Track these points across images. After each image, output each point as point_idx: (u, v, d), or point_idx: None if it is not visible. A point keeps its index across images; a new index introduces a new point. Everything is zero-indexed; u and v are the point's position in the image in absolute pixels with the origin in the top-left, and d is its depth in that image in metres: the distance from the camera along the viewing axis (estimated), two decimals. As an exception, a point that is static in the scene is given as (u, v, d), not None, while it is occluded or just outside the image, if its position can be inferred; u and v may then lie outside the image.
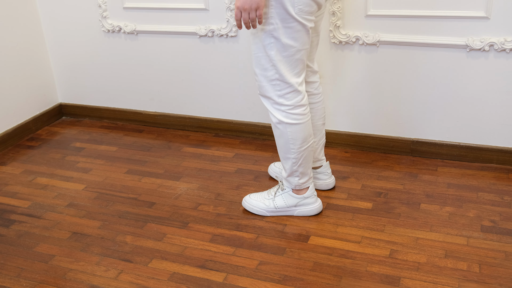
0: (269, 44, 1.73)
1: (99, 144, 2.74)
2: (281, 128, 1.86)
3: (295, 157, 1.89)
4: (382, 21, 2.24)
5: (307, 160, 1.92)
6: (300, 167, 1.92)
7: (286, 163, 1.93)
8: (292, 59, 1.76)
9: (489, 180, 2.20)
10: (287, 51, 1.74)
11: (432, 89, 2.29)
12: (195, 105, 2.77)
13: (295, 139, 1.86)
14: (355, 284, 1.67)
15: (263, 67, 1.78)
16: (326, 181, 2.17)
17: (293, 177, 1.95)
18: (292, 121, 1.83)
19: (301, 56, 1.78)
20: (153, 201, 2.19)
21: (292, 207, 2.00)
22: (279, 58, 1.75)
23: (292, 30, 1.71)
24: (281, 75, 1.77)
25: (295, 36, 1.72)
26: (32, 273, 1.81)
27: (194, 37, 2.61)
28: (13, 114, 2.80)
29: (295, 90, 1.81)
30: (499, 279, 1.66)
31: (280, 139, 1.89)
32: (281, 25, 1.70)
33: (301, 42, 1.75)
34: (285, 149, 1.90)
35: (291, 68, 1.78)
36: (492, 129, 2.27)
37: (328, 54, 2.38)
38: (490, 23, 2.09)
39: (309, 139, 1.89)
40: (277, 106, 1.83)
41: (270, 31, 1.71)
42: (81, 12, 2.79)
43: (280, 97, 1.81)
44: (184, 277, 1.75)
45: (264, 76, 1.80)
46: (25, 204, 2.23)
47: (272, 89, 1.81)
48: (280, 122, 1.84)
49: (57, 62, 2.99)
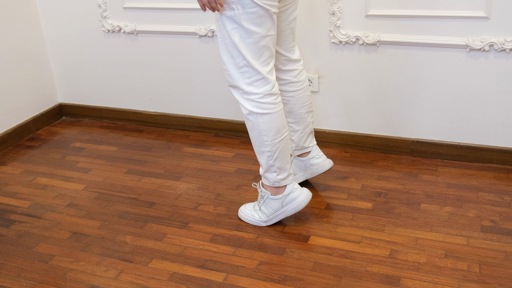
0: (232, 29, 1.70)
1: (99, 144, 2.74)
2: (252, 120, 1.80)
3: (270, 150, 1.83)
4: (382, 21, 2.24)
5: (284, 154, 1.84)
6: (277, 161, 1.84)
7: (262, 157, 1.86)
8: (257, 46, 1.72)
9: (489, 180, 2.20)
10: (251, 37, 1.70)
11: (432, 89, 2.29)
12: (195, 105, 2.78)
13: (268, 130, 1.80)
14: (355, 284, 1.67)
15: (230, 54, 1.75)
16: (320, 163, 2.10)
17: (271, 173, 1.87)
18: (262, 111, 1.78)
19: (266, 43, 1.73)
20: (153, 201, 2.19)
21: (280, 209, 1.93)
22: (243, 44, 1.71)
23: (254, 16, 1.67)
24: (248, 61, 1.73)
25: (258, 22, 1.69)
26: (32, 273, 1.81)
27: (194, 37, 2.61)
28: (13, 114, 2.80)
29: (264, 78, 1.76)
30: (499, 279, 1.66)
31: (253, 132, 1.83)
32: (242, 11, 1.66)
33: (265, 27, 1.70)
34: (258, 142, 1.84)
35: (257, 56, 1.73)
36: (492, 129, 2.27)
37: (328, 54, 2.38)
38: (490, 23, 2.09)
39: (283, 130, 1.82)
40: (246, 95, 1.78)
41: (232, 17, 1.69)
42: (81, 12, 2.79)
43: (248, 85, 1.77)
44: (184, 277, 1.75)
45: (233, 64, 1.76)
46: (25, 204, 2.23)
47: (240, 77, 1.77)
48: (250, 113, 1.79)
49: (57, 62, 2.99)
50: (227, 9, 1.69)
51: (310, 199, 1.93)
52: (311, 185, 2.22)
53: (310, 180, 2.24)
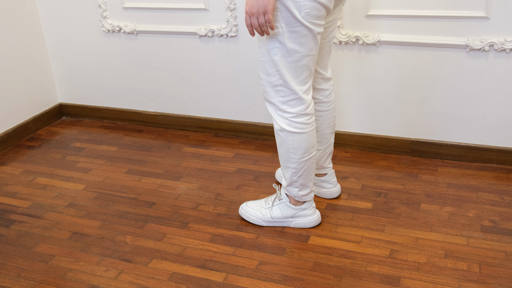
0: (274, 48, 1.67)
1: (99, 144, 2.74)
2: (282, 136, 1.80)
3: (295, 167, 1.83)
4: (382, 21, 2.25)
5: (309, 172, 1.85)
6: (300, 178, 1.85)
7: (286, 172, 1.87)
8: (297, 65, 1.70)
9: (489, 180, 2.20)
10: (292, 56, 1.68)
11: (432, 89, 2.29)
12: (195, 105, 2.78)
13: (296, 148, 1.80)
14: (355, 284, 1.67)
15: (267, 72, 1.73)
16: (330, 190, 2.12)
17: (293, 188, 1.88)
18: (294, 130, 1.77)
19: (307, 62, 1.70)
20: (153, 201, 2.19)
21: (289, 218, 1.94)
22: (283, 63, 1.69)
23: (298, 35, 1.64)
24: (285, 81, 1.71)
25: (301, 41, 1.66)
26: (32, 273, 1.81)
27: (194, 37, 2.61)
28: (13, 114, 2.80)
29: (299, 98, 1.74)
30: (499, 279, 1.66)
31: (281, 147, 1.83)
32: (286, 29, 1.63)
33: (307, 47, 1.68)
34: (285, 157, 1.84)
35: (295, 74, 1.71)
36: (492, 129, 2.27)
37: (328, 54, 2.38)
38: (490, 23, 2.09)
39: (311, 150, 1.81)
40: (280, 112, 1.77)
41: (274, 35, 1.65)
42: (81, 12, 2.79)
43: (283, 103, 1.75)
44: (184, 277, 1.75)
45: (268, 81, 1.74)
46: (25, 204, 2.23)
47: (275, 95, 1.75)
48: (282, 129, 1.78)
49: (57, 62, 2.99)
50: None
51: (318, 224, 1.97)
52: (311, 185, 2.22)
53: (310, 180, 2.24)
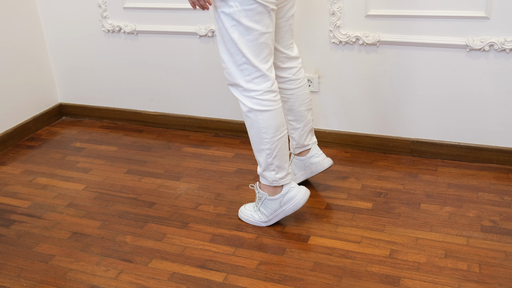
0: (231, 27, 1.71)
1: (99, 144, 2.74)
2: (252, 117, 1.81)
3: (269, 147, 1.83)
4: (382, 21, 2.25)
5: (282, 152, 1.85)
6: (276, 160, 1.85)
7: (261, 155, 1.86)
8: (256, 43, 1.73)
9: (489, 180, 2.20)
10: (250, 34, 1.71)
11: (432, 89, 2.29)
12: (195, 105, 2.78)
13: (267, 127, 1.80)
14: (355, 284, 1.67)
15: (229, 52, 1.76)
16: (321, 161, 2.10)
17: (269, 171, 1.87)
18: (263, 108, 1.78)
19: (265, 40, 1.74)
20: (153, 201, 2.19)
21: (279, 209, 1.93)
22: (242, 41, 1.72)
23: (253, 12, 1.68)
24: (247, 59, 1.74)
25: (257, 19, 1.70)
26: (32, 273, 1.81)
27: (194, 37, 2.61)
28: (13, 114, 2.80)
29: (264, 75, 1.77)
30: (499, 279, 1.66)
31: (252, 129, 1.83)
32: (240, 8, 1.67)
33: (264, 24, 1.72)
34: (257, 139, 1.84)
35: (256, 53, 1.74)
36: (492, 129, 2.27)
37: (328, 54, 2.38)
38: (490, 23, 2.09)
39: (282, 128, 1.83)
40: (246, 93, 1.79)
41: (230, 14, 1.69)
42: (81, 12, 2.79)
43: (248, 82, 1.77)
44: (184, 277, 1.75)
45: (232, 61, 1.77)
46: (25, 204, 2.23)
47: (240, 75, 1.77)
48: (250, 110, 1.79)
49: (57, 62, 2.99)
50: (225, 6, 1.69)
51: (308, 197, 1.93)
52: (311, 185, 2.22)
53: (310, 180, 2.24)
